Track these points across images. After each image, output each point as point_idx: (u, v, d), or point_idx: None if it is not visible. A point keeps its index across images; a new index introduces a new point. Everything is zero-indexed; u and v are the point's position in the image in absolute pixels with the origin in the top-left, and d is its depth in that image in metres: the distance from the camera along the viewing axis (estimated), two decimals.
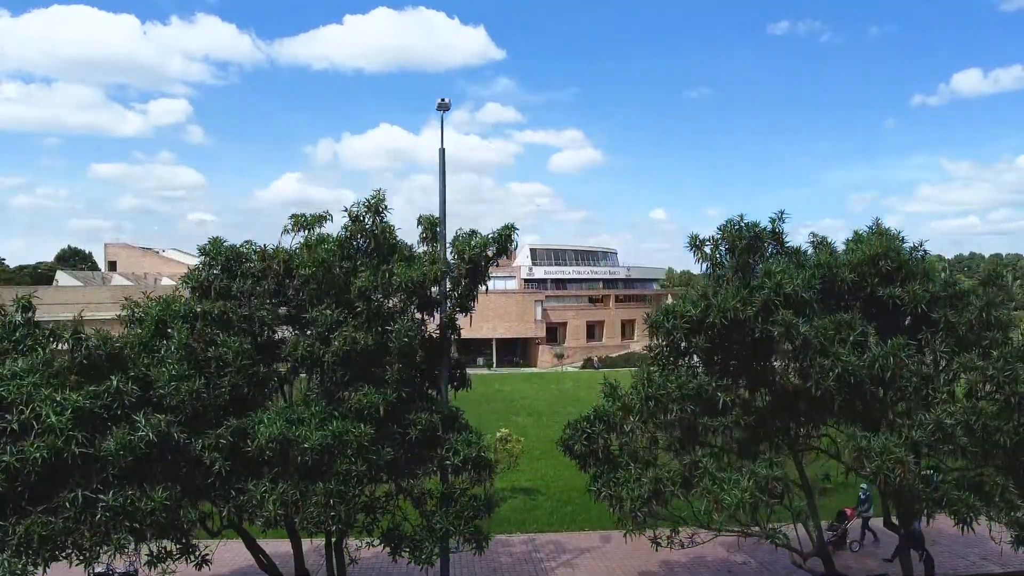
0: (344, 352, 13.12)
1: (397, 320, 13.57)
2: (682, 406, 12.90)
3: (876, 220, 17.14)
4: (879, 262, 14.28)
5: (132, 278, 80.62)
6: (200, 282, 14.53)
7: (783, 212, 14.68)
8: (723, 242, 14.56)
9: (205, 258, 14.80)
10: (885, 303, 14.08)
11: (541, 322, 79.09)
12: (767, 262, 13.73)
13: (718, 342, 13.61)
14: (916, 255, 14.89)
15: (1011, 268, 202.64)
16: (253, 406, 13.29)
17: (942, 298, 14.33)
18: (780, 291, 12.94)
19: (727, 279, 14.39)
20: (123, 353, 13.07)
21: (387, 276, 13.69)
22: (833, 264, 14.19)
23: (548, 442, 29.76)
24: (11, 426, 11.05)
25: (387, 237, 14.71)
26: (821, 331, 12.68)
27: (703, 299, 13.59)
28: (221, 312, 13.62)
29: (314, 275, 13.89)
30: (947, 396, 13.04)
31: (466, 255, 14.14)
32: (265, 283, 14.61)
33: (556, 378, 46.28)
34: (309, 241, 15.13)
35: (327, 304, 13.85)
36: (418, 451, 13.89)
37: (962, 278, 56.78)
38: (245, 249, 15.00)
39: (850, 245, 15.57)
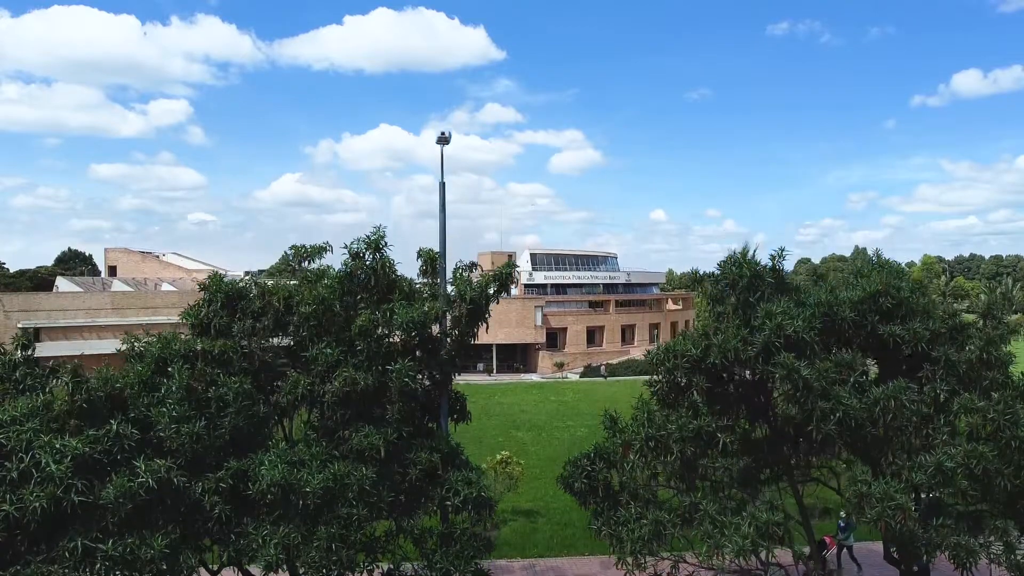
0: (344, 392, 13.12)
1: (397, 360, 13.55)
2: (683, 447, 12.90)
3: (877, 252, 17.21)
4: (879, 299, 14.27)
5: (132, 283, 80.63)
6: (200, 319, 14.52)
7: (783, 249, 14.74)
8: (723, 279, 14.55)
9: (205, 294, 14.80)
10: (886, 341, 14.06)
11: (541, 328, 78.99)
12: (767, 303, 13.70)
13: (719, 381, 13.61)
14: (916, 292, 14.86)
15: (1011, 270, 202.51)
16: (254, 446, 13.28)
17: (942, 335, 14.33)
18: (781, 333, 12.93)
19: (727, 316, 14.40)
20: (123, 394, 13.08)
21: (388, 315, 13.68)
22: (833, 302, 14.17)
23: (548, 459, 29.81)
24: (11, 474, 11.06)
25: (387, 272, 14.71)
26: (822, 374, 12.66)
27: (704, 338, 13.60)
28: (221, 351, 13.62)
29: (314, 313, 13.89)
30: (948, 437, 13.02)
31: (467, 296, 14.13)
32: (265, 319, 14.60)
33: (556, 388, 46.25)
34: (309, 277, 15.16)
35: (327, 342, 13.86)
36: (418, 489, 13.89)
37: (961, 280, 57.41)
38: (245, 285, 15.00)
39: (851, 280, 15.58)
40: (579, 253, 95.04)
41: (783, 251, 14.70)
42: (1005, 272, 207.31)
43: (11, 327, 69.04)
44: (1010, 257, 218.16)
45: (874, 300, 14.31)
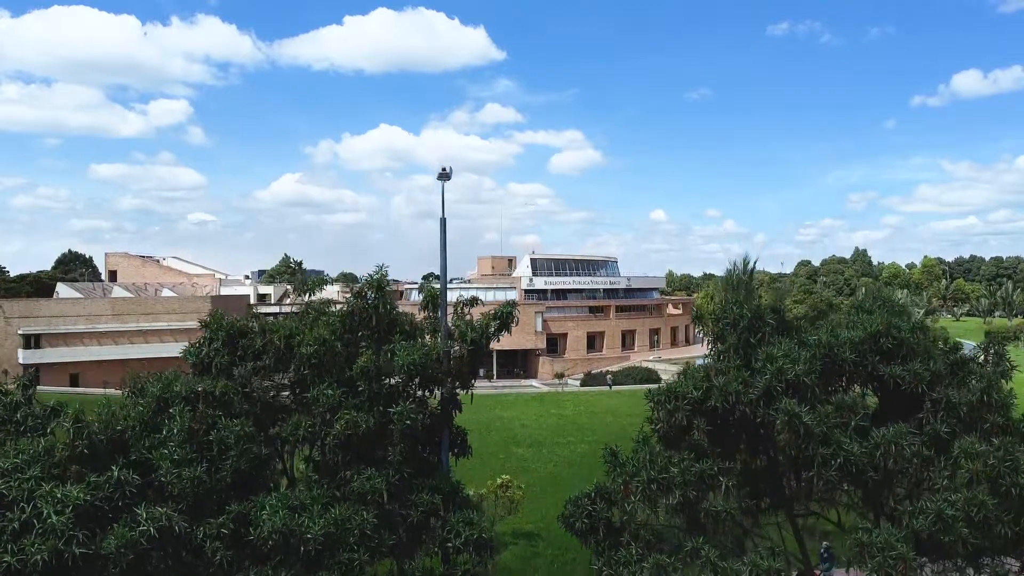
0: (346, 435, 13.12)
1: (399, 401, 13.55)
2: (685, 491, 12.90)
3: (878, 288, 17.21)
4: (880, 339, 14.27)
5: (132, 289, 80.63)
6: (201, 358, 14.53)
7: (784, 296, 14.62)
8: (725, 318, 14.56)
9: (206, 332, 14.81)
10: (887, 382, 14.06)
11: (542, 333, 79.03)
12: (768, 345, 13.70)
13: (720, 424, 13.61)
14: (916, 331, 14.86)
15: (1011, 272, 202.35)
16: (255, 488, 13.29)
17: (943, 375, 14.33)
18: (782, 377, 12.94)
19: (728, 355, 14.40)
20: (124, 436, 13.09)
21: (389, 356, 13.68)
22: (834, 343, 14.17)
23: (549, 477, 29.81)
24: (12, 525, 11.08)
25: (388, 311, 14.71)
26: (823, 419, 12.66)
27: (705, 380, 13.60)
28: (223, 393, 13.62)
29: (315, 353, 13.90)
30: (948, 481, 13.01)
31: (468, 337, 14.14)
32: (266, 358, 14.61)
33: (556, 400, 46.24)
34: (310, 313, 15.16)
35: (328, 383, 13.86)
36: (419, 529, 13.90)
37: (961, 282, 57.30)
38: (246, 323, 15.00)
39: (852, 317, 15.58)
40: (579, 258, 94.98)
41: (784, 294, 14.64)
42: (1005, 274, 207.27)
43: (11, 333, 69.11)
44: (1010, 259, 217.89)
45: (875, 340, 14.30)
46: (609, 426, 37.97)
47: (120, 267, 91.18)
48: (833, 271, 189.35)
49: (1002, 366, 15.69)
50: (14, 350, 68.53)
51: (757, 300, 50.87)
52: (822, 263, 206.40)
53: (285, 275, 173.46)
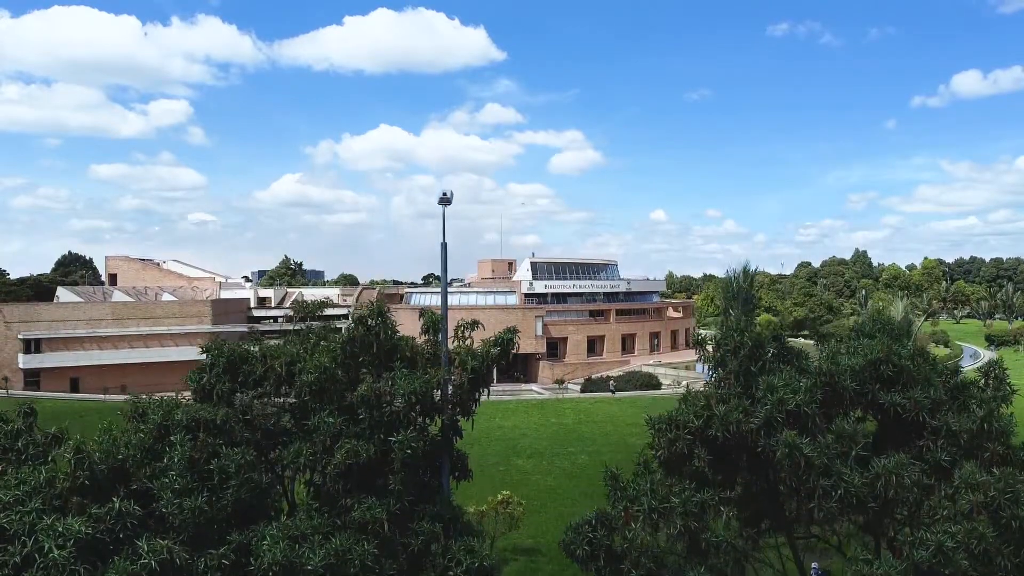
0: (347, 465, 13.13)
1: (400, 430, 13.56)
2: (686, 522, 12.92)
3: (878, 312, 17.22)
4: (880, 367, 14.30)
5: (132, 293, 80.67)
6: (202, 385, 14.54)
7: (782, 322, 14.63)
8: (725, 344, 14.58)
9: (207, 358, 14.82)
10: (887, 410, 14.09)
11: (542, 338, 79.03)
12: (769, 374, 13.72)
13: (721, 451, 13.63)
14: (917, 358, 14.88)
15: (1012, 273, 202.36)
16: (256, 517, 13.29)
17: (944, 402, 14.35)
18: (783, 407, 12.96)
19: (729, 382, 14.43)
20: (125, 464, 13.09)
21: (390, 385, 13.69)
22: (835, 371, 14.19)
23: (549, 491, 29.84)
24: (14, 559, 11.08)
25: (389, 336, 14.73)
26: (824, 450, 12.68)
27: (705, 408, 13.62)
28: (223, 421, 13.63)
29: (316, 380, 13.91)
30: (948, 512, 13.03)
31: (469, 366, 14.16)
32: (267, 384, 14.63)
33: (557, 408, 46.24)
34: (311, 339, 15.17)
35: (329, 410, 13.87)
36: (420, 557, 13.90)
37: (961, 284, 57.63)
38: (247, 348, 15.02)
39: (852, 342, 15.60)
40: (579, 261, 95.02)
41: (785, 324, 14.65)
42: (1005, 275, 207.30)
43: (12, 337, 69.19)
44: (1010, 260, 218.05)
45: (875, 367, 14.33)
46: (609, 436, 38.03)
47: (120, 270, 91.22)
48: (833, 273, 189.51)
49: (1002, 391, 15.73)
50: (14, 355, 68.65)
51: (758, 306, 51.17)
52: (822, 264, 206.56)
53: (285, 277, 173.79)
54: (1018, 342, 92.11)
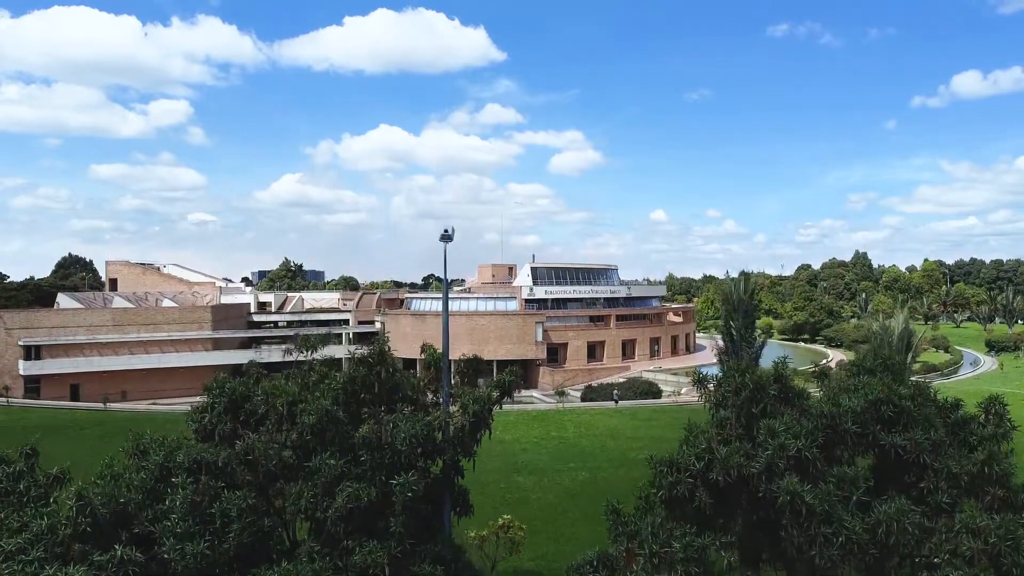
0: (348, 508, 13.14)
1: (401, 472, 13.57)
2: (687, 568, 12.92)
3: (878, 346, 17.25)
4: (881, 407, 14.30)
5: (133, 299, 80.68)
6: (204, 425, 14.56)
7: (786, 357, 14.68)
8: (726, 384, 14.59)
9: (208, 397, 14.83)
10: (888, 451, 14.09)
11: (542, 344, 78.98)
12: (770, 418, 13.72)
13: (722, 495, 13.63)
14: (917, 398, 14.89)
15: (1012, 275, 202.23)
16: (258, 560, 13.30)
17: (944, 443, 14.36)
18: (784, 453, 12.96)
19: (731, 423, 14.44)
20: (127, 508, 13.10)
21: (391, 428, 13.70)
22: (836, 414, 14.19)
23: (550, 509, 29.84)
24: None
25: (390, 375, 14.74)
26: (825, 497, 12.68)
27: (707, 451, 13.62)
28: (225, 463, 13.64)
29: (318, 422, 13.92)
30: (949, 556, 13.03)
31: (470, 410, 14.17)
32: (269, 423, 14.64)
33: (557, 421, 46.23)
34: (312, 377, 15.18)
35: (330, 452, 13.88)
36: None
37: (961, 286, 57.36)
38: (249, 387, 15.03)
39: (853, 380, 15.61)
40: (580, 266, 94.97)
41: (786, 359, 14.71)
42: (1006, 277, 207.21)
43: (12, 344, 69.17)
44: (1010, 261, 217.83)
45: (876, 408, 14.33)
46: (610, 451, 38.04)
47: (120, 275, 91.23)
48: (833, 275, 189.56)
49: (1002, 428, 15.75)
50: (15, 361, 68.62)
51: (758, 316, 51.23)
52: (822, 267, 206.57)
53: (286, 279, 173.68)
54: (1018, 348, 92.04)
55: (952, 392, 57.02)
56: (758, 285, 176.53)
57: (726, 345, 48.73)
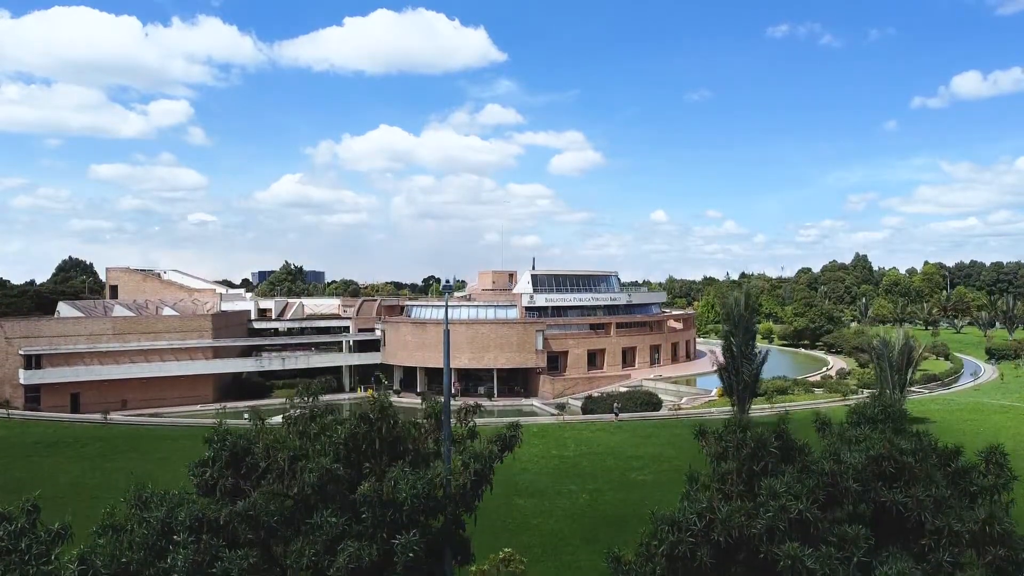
0: (349, 569, 13.15)
1: (403, 531, 13.57)
2: None
3: (877, 394, 17.28)
4: (882, 463, 14.32)
5: (133, 307, 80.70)
6: (205, 479, 14.56)
7: (787, 412, 14.67)
8: (727, 439, 14.60)
9: (209, 450, 14.83)
10: (889, 509, 14.10)
11: (542, 352, 79.04)
12: (771, 477, 13.73)
13: (724, 554, 13.64)
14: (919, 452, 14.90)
15: (1012, 277, 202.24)
16: None
17: (946, 499, 14.37)
18: (785, 515, 12.97)
19: (732, 478, 14.45)
20: (129, 568, 13.12)
21: (392, 486, 13.70)
22: (837, 472, 14.19)
23: (551, 535, 29.86)
24: None
25: (391, 429, 14.75)
26: (826, 560, 12.68)
27: (708, 511, 13.63)
28: (227, 521, 13.65)
29: (318, 480, 13.93)
30: None
31: (471, 468, 14.18)
32: (270, 476, 14.65)
33: (558, 438, 46.23)
34: (314, 428, 15.18)
35: (332, 509, 13.88)
36: None
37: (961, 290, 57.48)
38: (249, 439, 15.03)
39: (854, 431, 15.64)
40: (580, 273, 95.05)
41: (787, 414, 14.71)
42: (1006, 279, 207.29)
43: (13, 353, 69.26)
44: (1011, 264, 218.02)
45: (877, 464, 14.34)
46: (611, 471, 38.05)
47: (121, 282, 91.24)
48: (834, 279, 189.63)
49: (1003, 477, 15.80)
50: (15, 370, 68.70)
51: (757, 331, 51.20)
52: (822, 269, 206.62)
53: (286, 282, 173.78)
54: (1019, 356, 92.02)
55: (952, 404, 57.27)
56: (758, 288, 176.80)
57: (726, 361, 48.71)
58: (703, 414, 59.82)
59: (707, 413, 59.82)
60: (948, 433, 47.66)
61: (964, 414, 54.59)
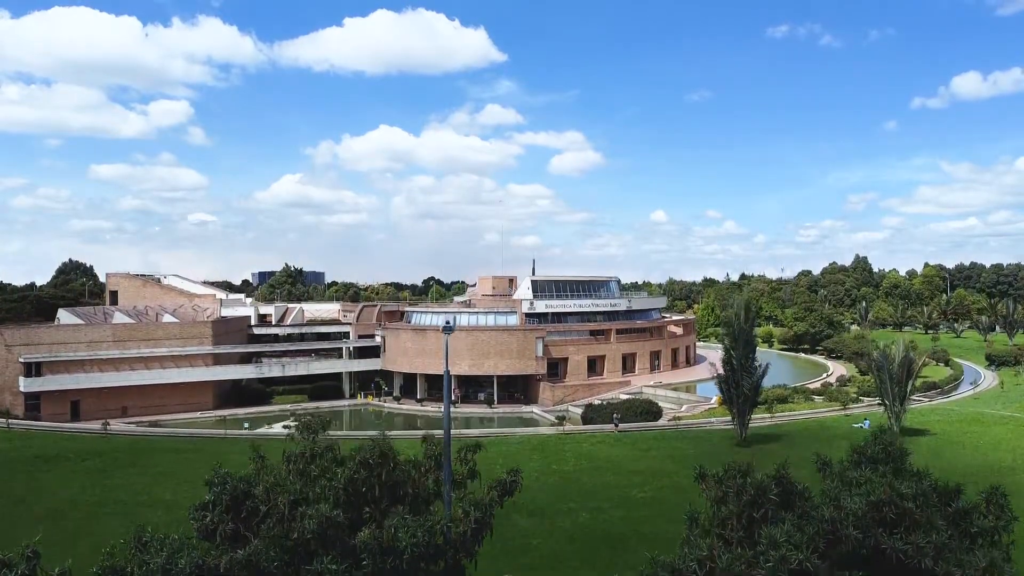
0: None
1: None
2: None
3: (878, 429, 17.33)
4: (883, 509, 14.32)
5: (133, 313, 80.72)
6: (205, 524, 14.55)
7: (787, 460, 14.69)
8: (726, 482, 14.60)
9: (209, 494, 14.83)
10: (890, 556, 14.10)
11: (542, 359, 79.06)
12: (772, 525, 13.72)
13: None
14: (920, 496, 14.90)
15: (1012, 279, 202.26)
16: None
17: (946, 545, 14.37)
18: (786, 566, 12.96)
19: (731, 524, 14.45)
20: None
21: (392, 533, 13.69)
22: (837, 519, 14.19)
23: (551, 556, 29.85)
24: None
25: (391, 473, 14.75)
26: None
27: (708, 559, 13.62)
28: (227, 569, 13.64)
29: (318, 528, 13.92)
30: None
31: (472, 516, 14.17)
32: (270, 521, 14.64)
33: (557, 452, 46.23)
34: (312, 469, 15.17)
35: (332, 556, 13.87)
36: None
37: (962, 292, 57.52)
38: (250, 483, 15.02)
39: (854, 473, 15.64)
40: (580, 279, 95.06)
41: (787, 461, 14.72)
42: (1006, 281, 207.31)
43: (13, 360, 69.26)
44: (1011, 266, 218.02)
45: (878, 509, 14.34)
46: (610, 488, 38.04)
47: (121, 287, 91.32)
48: (834, 281, 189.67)
49: (1003, 519, 15.81)
50: (15, 378, 68.71)
51: (756, 343, 51.11)
52: (822, 272, 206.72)
53: (286, 285, 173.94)
54: (1019, 362, 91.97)
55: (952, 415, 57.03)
56: (758, 291, 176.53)
57: (727, 374, 48.71)
58: (703, 424, 59.86)
59: (707, 423, 59.85)
60: (948, 446, 47.70)
61: (964, 426, 54.59)
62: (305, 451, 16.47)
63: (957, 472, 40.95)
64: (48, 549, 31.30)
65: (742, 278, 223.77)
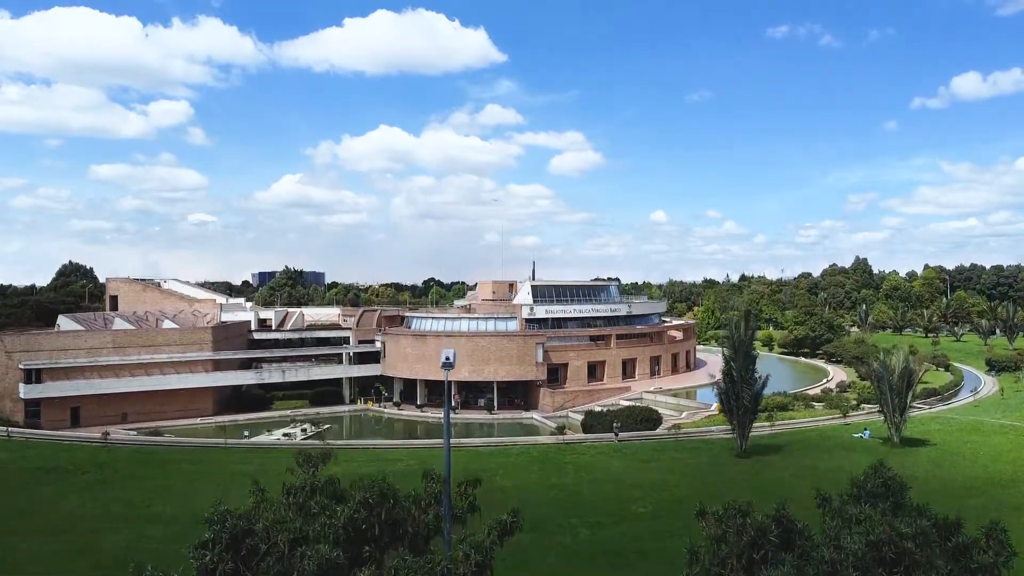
0: None
1: None
2: None
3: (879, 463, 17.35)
4: (883, 549, 14.31)
5: (133, 319, 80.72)
6: (205, 564, 14.53)
7: (786, 500, 14.70)
8: (727, 521, 14.60)
9: (209, 532, 14.81)
10: None
11: (542, 364, 79.05)
12: (771, 568, 13.73)
13: None
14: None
15: (1012, 280, 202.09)
16: None
17: None
18: None
19: (731, 564, 14.45)
20: None
21: (393, 574, 13.68)
22: (837, 560, 14.19)
23: (551, 574, 29.84)
24: None
25: (391, 510, 14.75)
26: None
27: None
28: None
29: (318, 569, 13.92)
30: None
31: (472, 559, 14.16)
32: (270, 559, 14.64)
33: (557, 464, 46.22)
34: (313, 506, 15.16)
35: None
36: None
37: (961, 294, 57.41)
38: (251, 520, 15.00)
39: (853, 509, 15.64)
40: (580, 284, 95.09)
41: (786, 502, 14.73)
42: (1006, 283, 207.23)
43: (13, 367, 69.26)
44: (1011, 267, 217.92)
45: (877, 549, 14.34)
46: (610, 502, 38.05)
47: (121, 292, 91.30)
48: (834, 283, 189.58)
49: (1003, 555, 15.82)
50: (15, 384, 68.70)
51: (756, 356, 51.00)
52: (822, 273, 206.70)
53: (286, 287, 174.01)
54: (1019, 368, 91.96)
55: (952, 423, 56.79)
56: (758, 293, 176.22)
57: (727, 386, 48.69)
58: (703, 432, 59.80)
59: (707, 431, 59.79)
60: (948, 457, 47.66)
61: (964, 435, 54.56)
62: (305, 484, 16.48)
63: (957, 485, 41.05)
64: (49, 566, 31.38)
65: (742, 279, 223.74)
